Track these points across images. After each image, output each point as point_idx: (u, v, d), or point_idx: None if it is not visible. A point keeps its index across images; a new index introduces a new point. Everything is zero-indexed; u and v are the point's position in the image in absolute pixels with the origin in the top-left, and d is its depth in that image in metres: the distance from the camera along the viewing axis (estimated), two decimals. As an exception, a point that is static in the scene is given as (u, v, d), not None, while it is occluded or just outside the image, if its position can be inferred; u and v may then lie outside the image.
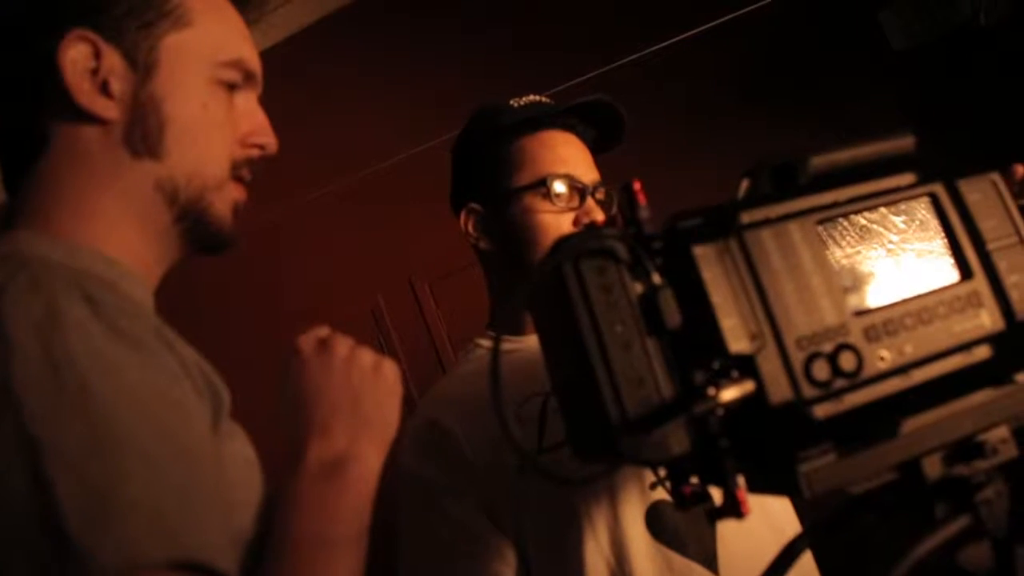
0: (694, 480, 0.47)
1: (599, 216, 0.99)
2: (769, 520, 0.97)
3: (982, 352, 0.48)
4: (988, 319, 0.48)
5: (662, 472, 0.50)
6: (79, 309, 0.51)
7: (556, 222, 0.96)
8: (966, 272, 0.48)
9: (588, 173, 1.00)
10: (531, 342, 0.97)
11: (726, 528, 0.91)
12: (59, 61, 0.60)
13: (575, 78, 2.04)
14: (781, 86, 2.06)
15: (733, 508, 0.43)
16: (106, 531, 0.45)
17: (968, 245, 0.49)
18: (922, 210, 0.49)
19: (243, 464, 0.60)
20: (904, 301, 0.47)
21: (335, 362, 0.63)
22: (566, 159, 0.99)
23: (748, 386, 0.42)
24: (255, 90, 0.70)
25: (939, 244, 0.49)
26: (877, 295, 0.47)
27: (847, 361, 0.44)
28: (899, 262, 0.48)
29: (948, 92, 1.89)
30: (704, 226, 0.46)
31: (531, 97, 1.04)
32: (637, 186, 0.46)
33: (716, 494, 0.46)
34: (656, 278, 0.44)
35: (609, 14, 2.21)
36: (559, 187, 0.97)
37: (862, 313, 0.45)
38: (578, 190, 0.98)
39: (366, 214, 2.44)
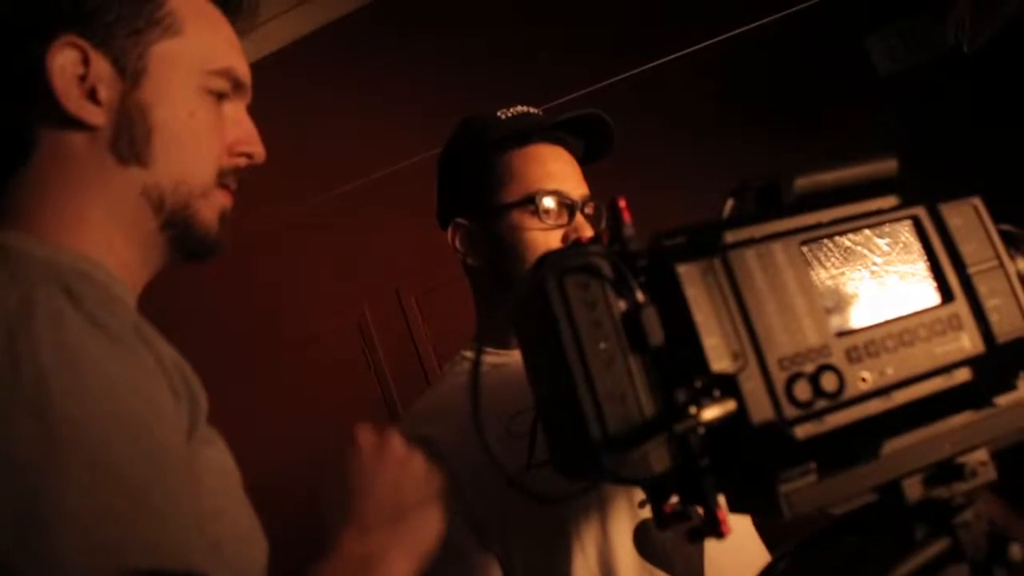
0: (675, 499, 0.47)
1: (588, 233, 0.97)
2: (757, 538, 0.97)
3: (962, 375, 0.48)
4: (968, 342, 0.48)
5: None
6: (57, 301, 0.50)
7: (545, 239, 0.95)
8: (947, 295, 0.49)
9: (577, 188, 0.99)
10: (520, 355, 0.97)
11: (713, 547, 0.90)
12: (47, 67, 0.60)
13: (565, 95, 2.05)
14: (768, 108, 2.08)
15: (713, 527, 0.43)
16: (33, 547, 0.43)
17: (949, 268, 0.49)
18: (905, 232, 0.50)
19: (219, 471, 0.59)
20: (886, 323, 0.47)
21: (389, 465, 0.63)
22: (555, 174, 0.98)
23: (729, 405, 0.42)
24: (244, 99, 0.70)
25: (922, 267, 0.49)
26: (859, 316, 0.47)
27: (829, 382, 0.44)
28: (882, 284, 0.48)
29: (932, 117, 1.92)
30: (688, 244, 0.46)
31: (519, 108, 1.02)
32: (622, 203, 0.46)
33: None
34: (640, 295, 0.44)
35: (598, 33, 2.22)
36: (548, 203, 0.96)
37: (844, 334, 0.46)
38: (567, 206, 0.97)
39: (354, 225, 2.44)
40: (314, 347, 2.44)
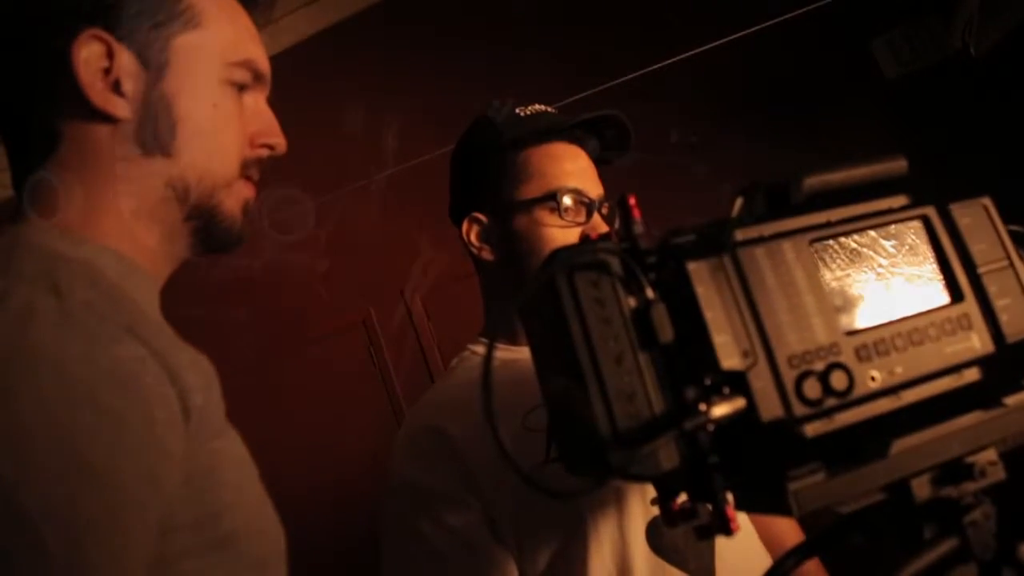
0: (683, 496, 0.47)
1: (604, 231, 0.98)
2: (756, 536, 0.97)
3: (971, 374, 0.48)
4: (978, 342, 0.48)
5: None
6: (35, 297, 0.50)
7: (563, 236, 0.96)
8: (957, 295, 0.49)
9: (594, 188, 1.00)
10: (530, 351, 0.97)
11: (724, 543, 0.90)
12: (72, 60, 0.60)
13: (568, 96, 2.05)
14: (774, 110, 2.08)
15: (722, 525, 0.43)
16: None
17: (959, 268, 0.49)
18: (911, 235, 0.50)
19: (234, 463, 0.59)
20: (895, 322, 0.47)
21: None
22: (574, 173, 0.99)
23: (739, 403, 0.42)
24: (264, 91, 0.71)
25: (928, 269, 0.49)
26: (868, 316, 0.47)
27: (838, 380, 0.44)
28: (888, 285, 0.48)
29: (938, 119, 1.92)
30: (698, 242, 0.46)
31: (537, 106, 1.03)
32: (632, 201, 0.46)
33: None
34: (650, 292, 0.44)
35: (603, 35, 2.23)
36: (567, 201, 0.96)
37: (854, 333, 0.46)
38: (585, 205, 0.98)
39: (360, 224, 2.44)
40: (319, 347, 2.44)
